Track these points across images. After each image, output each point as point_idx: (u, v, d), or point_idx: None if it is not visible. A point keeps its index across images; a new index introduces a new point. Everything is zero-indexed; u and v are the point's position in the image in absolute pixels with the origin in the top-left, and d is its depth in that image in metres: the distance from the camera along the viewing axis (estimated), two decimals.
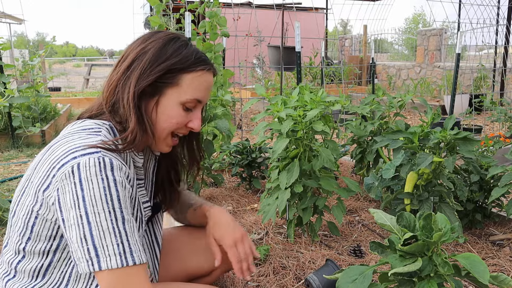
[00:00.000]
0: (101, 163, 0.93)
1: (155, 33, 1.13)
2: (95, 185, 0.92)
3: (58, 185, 0.94)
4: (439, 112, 2.05)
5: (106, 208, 0.92)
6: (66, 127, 1.12)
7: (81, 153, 0.94)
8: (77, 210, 0.91)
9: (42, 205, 0.98)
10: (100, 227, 0.91)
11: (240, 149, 2.91)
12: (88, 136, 1.00)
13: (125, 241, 0.94)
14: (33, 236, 1.01)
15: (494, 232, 2.15)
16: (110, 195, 0.93)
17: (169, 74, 1.07)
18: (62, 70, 17.73)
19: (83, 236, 0.91)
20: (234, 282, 1.67)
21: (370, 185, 2.27)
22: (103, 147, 0.97)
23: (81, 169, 0.92)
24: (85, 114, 1.12)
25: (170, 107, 1.08)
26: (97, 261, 0.91)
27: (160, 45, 1.08)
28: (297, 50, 3.50)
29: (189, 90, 1.09)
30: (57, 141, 1.02)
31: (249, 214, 2.43)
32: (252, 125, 5.59)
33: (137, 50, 1.08)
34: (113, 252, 0.92)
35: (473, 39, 7.39)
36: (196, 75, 1.09)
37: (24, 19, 6.10)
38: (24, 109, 4.70)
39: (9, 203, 2.39)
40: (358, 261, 1.87)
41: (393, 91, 9.93)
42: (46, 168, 0.97)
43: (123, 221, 0.94)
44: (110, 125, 1.07)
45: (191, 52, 1.10)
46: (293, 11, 5.09)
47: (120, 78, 1.07)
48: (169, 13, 3.08)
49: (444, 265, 1.01)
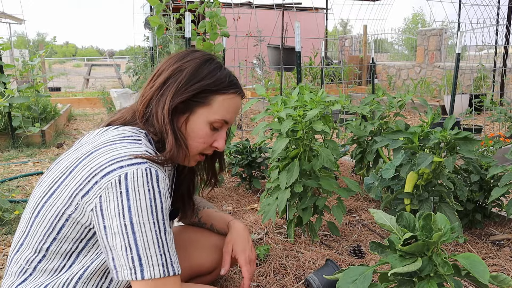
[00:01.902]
0: (148, 175, 0.96)
1: (192, 51, 1.18)
2: (141, 196, 0.95)
3: (102, 193, 0.95)
4: (439, 112, 2.05)
5: (151, 219, 0.95)
6: (98, 132, 1.13)
7: (128, 162, 0.96)
8: (121, 219, 0.94)
9: (77, 209, 0.99)
10: (145, 237, 0.94)
11: (240, 149, 2.91)
12: (131, 144, 1.03)
13: (166, 252, 0.97)
14: (60, 237, 1.02)
15: (494, 232, 2.15)
16: (156, 206, 0.96)
17: (202, 94, 1.12)
18: (62, 70, 17.73)
19: (128, 245, 0.94)
20: (234, 282, 1.67)
21: (370, 185, 2.27)
22: (149, 157, 1.00)
23: (129, 179, 0.94)
24: (117, 121, 1.15)
25: (199, 125, 1.13)
26: (140, 270, 0.94)
27: (196, 65, 1.13)
28: (297, 50, 3.50)
29: (219, 111, 1.13)
30: (98, 147, 1.03)
31: (249, 214, 2.43)
32: (252, 125, 5.59)
33: (173, 68, 1.13)
34: (156, 262, 0.95)
35: (473, 39, 7.39)
36: (227, 98, 1.15)
37: (24, 19, 6.10)
38: (24, 109, 4.69)
39: (9, 203, 2.39)
40: (358, 261, 1.87)
41: (393, 91, 9.93)
42: (86, 174, 0.99)
43: (165, 232, 0.97)
44: (146, 133, 1.11)
45: (224, 75, 1.16)
46: (293, 11, 5.09)
47: (155, 93, 1.12)
48: (169, 13, 3.08)
49: (444, 265, 1.01)
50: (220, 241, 1.47)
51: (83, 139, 1.17)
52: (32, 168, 3.67)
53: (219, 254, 1.47)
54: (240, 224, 1.44)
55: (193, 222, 1.53)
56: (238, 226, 1.43)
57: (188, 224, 1.54)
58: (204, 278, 1.50)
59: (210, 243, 1.48)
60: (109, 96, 7.25)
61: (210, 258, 1.47)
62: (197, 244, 1.47)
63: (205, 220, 1.51)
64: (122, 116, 1.17)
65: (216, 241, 1.48)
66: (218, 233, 1.50)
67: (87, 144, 1.10)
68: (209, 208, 1.54)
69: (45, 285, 1.03)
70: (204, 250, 1.47)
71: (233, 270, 1.75)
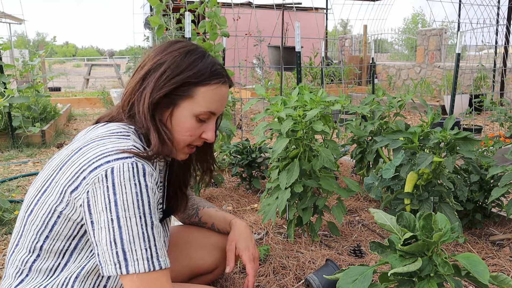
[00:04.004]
0: (135, 169, 0.95)
1: (172, 43, 1.15)
2: (128, 190, 0.94)
3: (89, 188, 0.95)
4: (439, 112, 2.04)
5: (137, 213, 0.94)
6: (87, 130, 1.13)
7: (115, 157, 0.96)
8: (108, 214, 0.93)
9: (68, 205, 0.99)
10: (131, 232, 0.94)
11: (240, 149, 2.91)
12: (119, 140, 1.02)
13: (152, 246, 0.96)
14: (52, 235, 1.02)
15: (494, 232, 2.15)
16: (142, 200, 0.95)
17: (184, 87, 1.09)
18: (62, 70, 17.72)
19: (113, 239, 0.93)
20: (234, 282, 1.67)
21: (370, 185, 2.27)
22: (136, 152, 0.99)
23: (115, 173, 0.94)
24: (105, 118, 1.15)
25: (183, 118, 1.10)
26: (125, 265, 0.93)
27: (176, 58, 1.10)
28: (297, 50, 3.50)
29: (203, 103, 1.10)
30: (87, 143, 1.03)
31: (249, 214, 2.43)
32: (252, 125, 5.59)
33: (153, 61, 1.10)
34: (141, 257, 0.94)
35: (473, 39, 7.40)
36: (210, 88, 1.11)
37: (24, 19, 6.11)
38: (24, 109, 4.69)
39: (9, 203, 2.39)
40: (358, 261, 1.87)
41: (393, 91, 9.93)
42: (75, 169, 0.98)
43: (152, 227, 0.97)
44: (135, 128, 1.09)
45: (206, 65, 1.11)
46: (293, 11, 5.08)
47: (135, 87, 1.10)
48: (169, 13, 3.08)
49: (444, 265, 1.01)
50: (220, 240, 1.47)
51: (75, 138, 1.17)
52: (32, 168, 3.67)
53: (219, 253, 1.46)
54: (242, 223, 1.44)
55: (193, 222, 1.52)
56: (240, 224, 1.43)
57: (188, 223, 1.54)
58: (204, 277, 1.50)
59: (210, 243, 1.47)
60: (109, 96, 7.25)
61: (211, 257, 1.47)
62: (197, 244, 1.47)
63: (205, 220, 1.50)
64: (109, 113, 1.16)
65: (216, 241, 1.48)
66: (219, 232, 1.49)
67: (77, 141, 1.10)
68: (209, 207, 1.53)
69: (44, 286, 1.02)
70: (204, 249, 1.47)
71: (233, 270, 1.74)
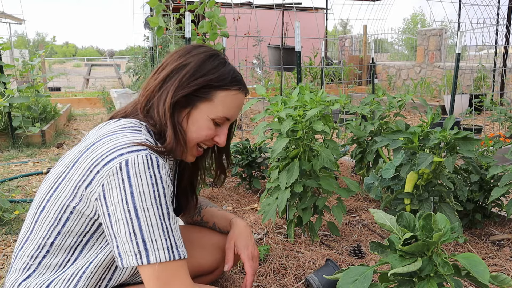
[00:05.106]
0: (149, 161, 0.97)
1: (196, 47, 1.19)
2: (143, 181, 0.95)
3: (104, 181, 0.96)
4: (439, 112, 2.04)
5: (154, 204, 0.96)
6: (100, 126, 1.16)
7: (128, 150, 0.97)
8: (125, 205, 0.94)
9: (82, 201, 1.00)
10: (149, 222, 0.95)
11: (240, 149, 2.91)
12: (131, 134, 1.04)
13: (171, 236, 0.98)
14: (64, 231, 1.03)
15: (494, 232, 2.15)
16: (158, 191, 0.97)
17: (205, 89, 1.12)
18: (62, 70, 17.72)
19: (132, 230, 0.94)
20: (234, 282, 1.67)
21: (370, 185, 2.27)
22: (149, 145, 1.01)
23: (130, 165, 0.95)
24: (119, 114, 1.17)
25: (200, 120, 1.13)
26: (146, 255, 0.95)
27: (200, 60, 1.14)
28: (297, 50, 3.50)
29: (220, 107, 1.14)
30: (99, 139, 1.04)
31: (249, 214, 2.43)
32: (252, 125, 5.59)
33: (178, 62, 1.14)
34: (161, 246, 0.96)
35: (473, 39, 7.40)
36: (229, 94, 1.15)
37: (24, 19, 6.11)
38: (24, 109, 4.69)
39: (9, 203, 2.39)
40: (358, 261, 1.87)
41: (393, 91, 9.93)
42: (89, 164, 1.00)
43: (168, 217, 0.98)
44: (147, 125, 1.12)
45: (228, 71, 1.16)
46: (293, 11, 5.08)
47: (157, 86, 1.13)
48: (169, 13, 3.08)
49: (444, 265, 1.01)
50: (221, 240, 1.47)
51: (87, 135, 1.19)
52: (32, 168, 3.67)
53: (220, 253, 1.47)
54: (242, 222, 1.45)
55: (195, 221, 1.53)
56: (240, 223, 1.44)
57: (190, 223, 1.55)
58: (205, 277, 1.50)
59: (211, 243, 1.48)
60: (109, 96, 7.26)
61: (211, 257, 1.47)
62: (199, 244, 1.47)
63: (207, 219, 1.51)
64: (124, 109, 1.19)
65: (217, 241, 1.48)
66: (220, 231, 1.50)
67: (89, 138, 1.11)
68: (211, 207, 1.54)
69: (51, 280, 1.03)
70: (206, 249, 1.47)
71: (233, 270, 1.75)
